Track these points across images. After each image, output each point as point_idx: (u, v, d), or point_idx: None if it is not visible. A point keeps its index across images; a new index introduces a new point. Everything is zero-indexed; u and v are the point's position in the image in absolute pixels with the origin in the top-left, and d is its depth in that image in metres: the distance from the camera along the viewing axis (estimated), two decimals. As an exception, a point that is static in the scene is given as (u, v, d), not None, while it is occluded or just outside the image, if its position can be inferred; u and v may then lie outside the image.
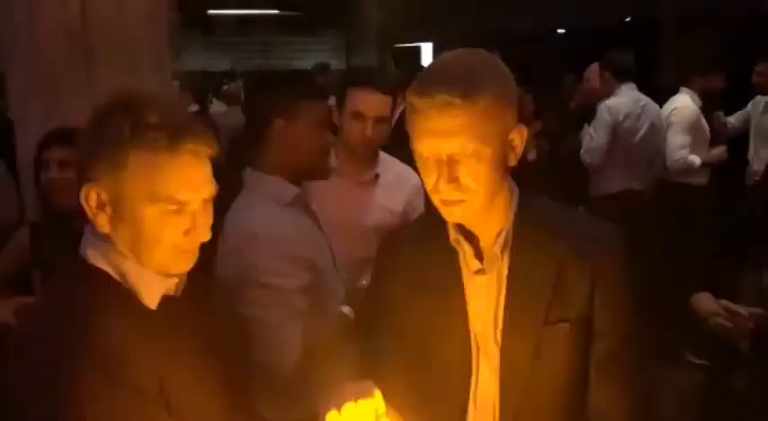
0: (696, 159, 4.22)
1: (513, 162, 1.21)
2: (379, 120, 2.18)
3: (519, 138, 1.20)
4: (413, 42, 12.12)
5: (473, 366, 1.28)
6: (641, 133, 4.22)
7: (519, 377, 1.24)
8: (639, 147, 4.24)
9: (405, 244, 1.38)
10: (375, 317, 1.40)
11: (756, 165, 4.24)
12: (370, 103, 2.15)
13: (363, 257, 2.15)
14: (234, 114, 5.96)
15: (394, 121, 4.47)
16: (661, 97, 4.52)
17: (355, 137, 2.17)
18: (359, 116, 2.16)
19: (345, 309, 1.84)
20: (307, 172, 1.79)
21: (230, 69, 9.34)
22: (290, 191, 1.76)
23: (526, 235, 1.25)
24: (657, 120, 4.28)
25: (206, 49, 11.69)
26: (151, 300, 1.12)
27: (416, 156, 1.19)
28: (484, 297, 1.26)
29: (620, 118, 4.17)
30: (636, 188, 4.26)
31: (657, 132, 4.27)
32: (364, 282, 1.91)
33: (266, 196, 1.75)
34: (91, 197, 1.08)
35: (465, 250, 1.27)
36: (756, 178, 4.16)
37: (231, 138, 4.06)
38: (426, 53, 11.94)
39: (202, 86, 6.53)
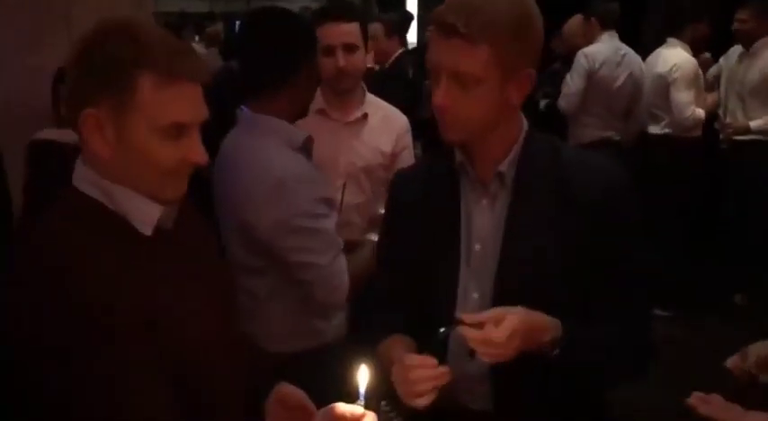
0: (702, 112, 4.20)
1: (514, 99, 1.27)
2: (348, 48, 2.16)
3: (526, 78, 1.26)
4: (397, -14, 11.89)
5: (459, 289, 1.34)
6: (619, 82, 4.22)
7: (512, 296, 1.27)
8: (617, 96, 4.25)
9: (412, 176, 1.49)
10: (387, 250, 1.51)
11: (729, 118, 4.24)
12: (334, 32, 2.15)
13: (355, 203, 2.19)
14: (212, 56, 5.89)
15: (389, 64, 4.48)
16: (646, 48, 4.51)
17: (329, 70, 2.15)
18: (328, 50, 2.14)
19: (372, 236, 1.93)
20: (300, 114, 1.85)
21: (209, 11, 9.16)
22: (301, 135, 1.79)
23: (531, 162, 1.31)
24: (638, 70, 4.27)
25: (185, -11, 11.39)
26: (144, 225, 1.12)
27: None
28: (487, 219, 1.33)
29: (597, 65, 4.17)
30: (613, 138, 4.29)
31: (637, 83, 4.28)
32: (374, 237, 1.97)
33: (280, 141, 1.76)
34: (89, 121, 1.06)
35: (469, 172, 1.34)
36: (729, 130, 4.19)
37: (215, 76, 4.03)
38: (411, -2, 11.72)
39: (181, 28, 6.40)
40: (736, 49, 4.25)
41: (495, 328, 1.15)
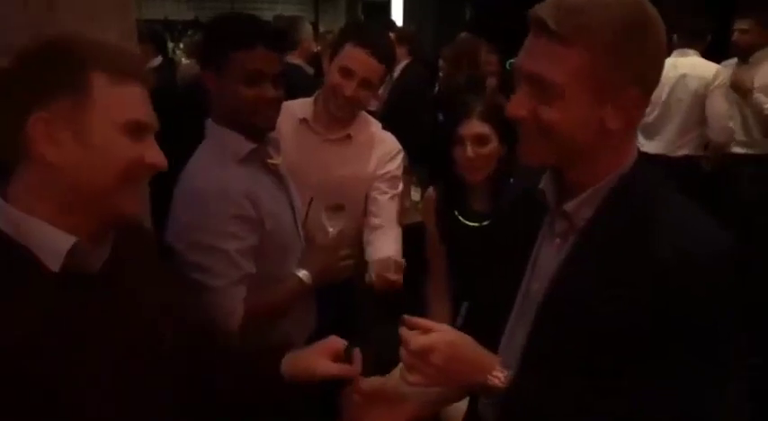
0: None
1: (611, 124, 1.05)
2: (365, 84, 2.10)
3: (628, 99, 1.03)
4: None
5: (508, 325, 1.23)
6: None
7: (544, 346, 1.14)
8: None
9: (518, 191, 1.39)
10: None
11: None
12: (361, 62, 2.08)
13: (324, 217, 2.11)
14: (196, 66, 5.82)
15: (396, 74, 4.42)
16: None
17: (336, 91, 2.10)
18: (347, 72, 2.09)
19: (302, 274, 1.79)
20: (246, 126, 1.71)
21: (194, 19, 9.11)
22: (245, 147, 1.69)
23: (613, 208, 1.10)
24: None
25: (169, -4, 11.34)
26: (52, 258, 1.01)
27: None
28: (552, 259, 1.17)
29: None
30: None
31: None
32: (331, 228, 1.90)
33: (221, 149, 1.70)
34: (39, 126, 1.01)
35: (547, 203, 1.18)
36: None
37: (186, 87, 3.95)
38: (396, 8, 11.76)
39: (164, 36, 6.34)
40: (729, 62, 4.06)
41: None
